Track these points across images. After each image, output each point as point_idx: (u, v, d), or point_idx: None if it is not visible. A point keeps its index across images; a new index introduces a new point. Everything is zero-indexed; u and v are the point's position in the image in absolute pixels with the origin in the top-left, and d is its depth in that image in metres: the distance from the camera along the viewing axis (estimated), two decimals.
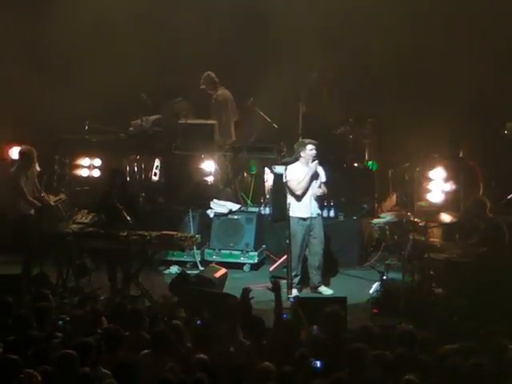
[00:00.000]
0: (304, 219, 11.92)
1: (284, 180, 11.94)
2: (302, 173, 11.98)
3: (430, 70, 14.52)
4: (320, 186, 12.03)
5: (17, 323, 8.56)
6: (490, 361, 7.54)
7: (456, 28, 14.53)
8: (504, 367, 7.59)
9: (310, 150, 11.96)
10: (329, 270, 12.64)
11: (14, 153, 13.86)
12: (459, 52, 14.48)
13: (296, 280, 11.99)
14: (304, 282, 12.16)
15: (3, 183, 12.44)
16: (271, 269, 13.13)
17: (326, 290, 12.11)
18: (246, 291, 9.44)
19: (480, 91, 14.03)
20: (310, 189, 11.93)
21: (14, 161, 13.11)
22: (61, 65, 15.22)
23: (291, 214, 11.93)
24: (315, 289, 12.10)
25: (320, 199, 12.18)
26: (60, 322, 8.89)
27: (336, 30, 14.71)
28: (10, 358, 7.32)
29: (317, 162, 11.93)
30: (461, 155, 12.78)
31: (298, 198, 11.91)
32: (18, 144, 12.98)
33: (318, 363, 7.30)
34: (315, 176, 11.98)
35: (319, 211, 12.16)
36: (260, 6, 15.07)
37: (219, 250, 13.60)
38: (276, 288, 9.31)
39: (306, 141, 12.17)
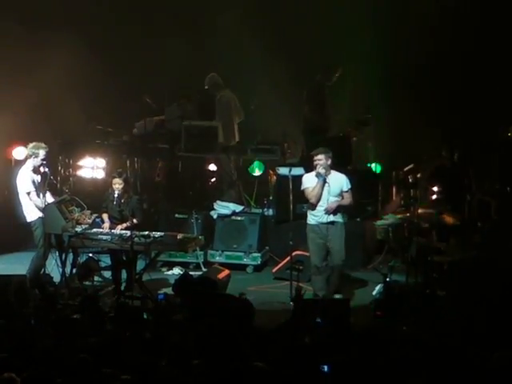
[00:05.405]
0: (317, 226, 11.43)
1: (302, 188, 11.63)
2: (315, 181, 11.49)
3: (434, 71, 14.52)
4: (341, 195, 11.41)
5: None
6: None
7: (461, 31, 14.53)
8: None
9: (315, 158, 11.45)
10: None
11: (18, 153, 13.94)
12: (463, 54, 14.51)
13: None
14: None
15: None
16: (274, 270, 13.13)
17: (336, 295, 11.71)
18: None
19: (484, 93, 14.05)
20: (326, 197, 11.34)
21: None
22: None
23: (307, 221, 11.53)
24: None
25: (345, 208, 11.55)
26: None
27: (338, 30, 14.72)
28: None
29: (323, 169, 11.28)
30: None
31: (314, 206, 11.42)
32: (23, 144, 12.92)
33: (326, 367, 7.30)
34: (332, 184, 11.38)
35: (337, 218, 11.41)
36: (266, 5, 15.14)
37: (222, 251, 13.61)
38: None
39: (318, 149, 11.56)
